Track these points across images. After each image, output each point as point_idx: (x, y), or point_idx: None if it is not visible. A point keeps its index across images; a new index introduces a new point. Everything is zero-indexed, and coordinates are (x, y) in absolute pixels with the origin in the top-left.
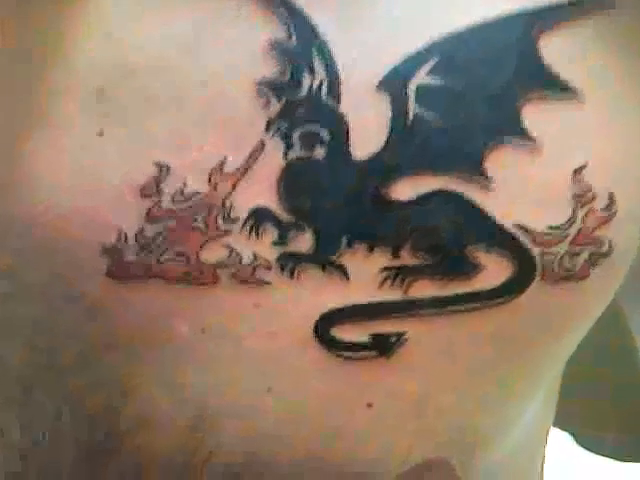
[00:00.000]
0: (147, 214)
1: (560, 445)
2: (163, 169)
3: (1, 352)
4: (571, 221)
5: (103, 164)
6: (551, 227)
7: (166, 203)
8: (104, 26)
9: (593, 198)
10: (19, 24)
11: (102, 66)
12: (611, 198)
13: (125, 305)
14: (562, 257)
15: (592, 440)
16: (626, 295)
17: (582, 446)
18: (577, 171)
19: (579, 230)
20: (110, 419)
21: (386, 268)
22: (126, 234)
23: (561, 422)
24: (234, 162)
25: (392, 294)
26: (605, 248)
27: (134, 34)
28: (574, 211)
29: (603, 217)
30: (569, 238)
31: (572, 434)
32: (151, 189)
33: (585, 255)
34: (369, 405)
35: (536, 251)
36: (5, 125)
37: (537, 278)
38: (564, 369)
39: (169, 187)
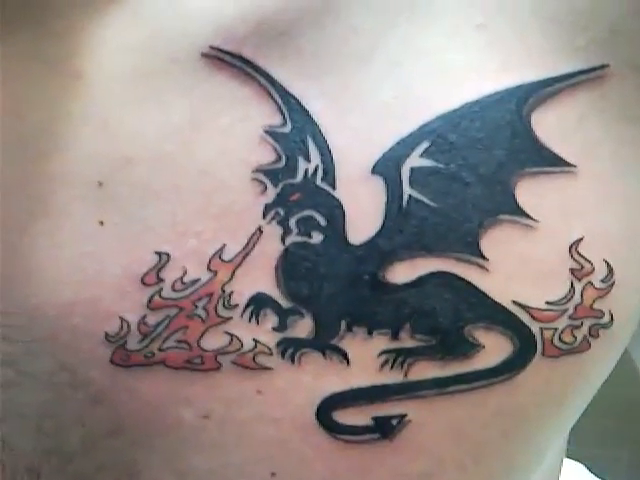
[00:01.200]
0: (148, 303)
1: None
2: (163, 257)
3: (10, 437)
4: (569, 295)
5: (103, 254)
6: (549, 302)
7: (167, 292)
8: (100, 113)
9: (591, 271)
10: (22, 106)
11: (99, 156)
12: (609, 269)
13: (129, 392)
14: (562, 331)
15: (607, 462)
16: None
17: (597, 474)
18: (573, 245)
19: (578, 304)
20: None
21: (386, 351)
22: (128, 323)
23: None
24: (233, 249)
25: (393, 377)
26: (606, 319)
27: (128, 123)
28: (572, 285)
29: (602, 289)
30: (568, 312)
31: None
32: (152, 278)
33: (585, 328)
34: None
35: (535, 327)
36: (2, 215)
37: (538, 354)
38: None
39: (169, 275)
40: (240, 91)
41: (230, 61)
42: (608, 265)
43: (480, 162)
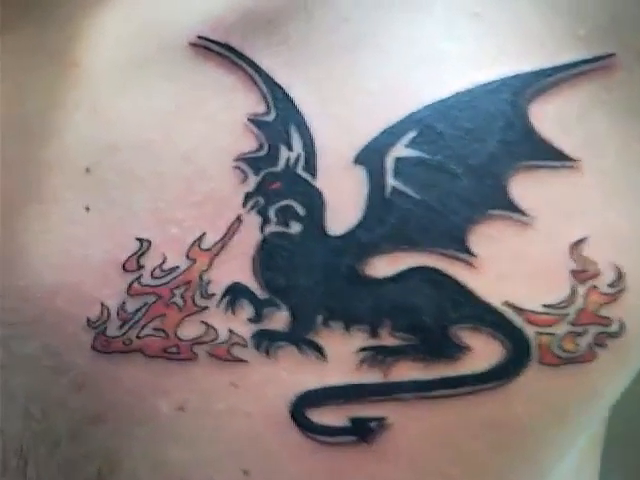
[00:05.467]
0: (128, 289)
1: None
2: (144, 244)
3: (1, 421)
4: (570, 299)
5: (88, 239)
6: (547, 306)
7: (146, 278)
8: (91, 100)
9: (596, 274)
10: (23, 94)
11: (88, 142)
12: (619, 273)
13: (110, 379)
14: (562, 338)
15: None
16: None
17: None
18: (575, 245)
19: (581, 309)
20: None
21: (364, 348)
22: (109, 309)
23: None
24: (212, 238)
25: (371, 376)
26: (614, 328)
27: (116, 110)
28: (573, 288)
29: (609, 294)
30: (569, 318)
31: None
32: (132, 264)
33: (590, 336)
34: None
35: (530, 331)
36: (3, 196)
37: (534, 361)
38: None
39: (149, 262)
40: (226, 79)
41: (217, 50)
42: (617, 268)
43: (470, 153)
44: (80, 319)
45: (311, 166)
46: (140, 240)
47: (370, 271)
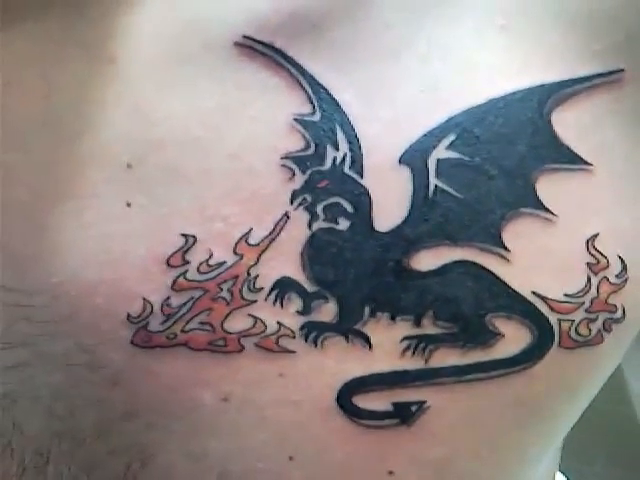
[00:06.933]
0: (173, 284)
1: None
2: (189, 240)
3: (20, 419)
4: (586, 289)
5: (129, 235)
6: (567, 295)
7: (192, 274)
8: (132, 97)
9: (606, 266)
10: (49, 87)
11: (129, 138)
12: (623, 265)
13: (148, 374)
14: (579, 324)
15: (580, 473)
16: None
17: None
18: (590, 240)
19: (594, 297)
20: None
21: (408, 337)
22: (151, 304)
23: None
24: (259, 233)
25: (414, 363)
26: (619, 314)
27: (161, 107)
28: (589, 279)
29: (617, 284)
30: (585, 305)
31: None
32: (177, 260)
33: (600, 322)
34: (390, 473)
35: (554, 318)
36: (28, 196)
37: (554, 345)
38: None
39: (195, 258)
40: (271, 80)
41: (262, 50)
42: (622, 261)
43: (503, 156)
44: (119, 315)
45: (357, 165)
46: (185, 236)
47: (415, 265)
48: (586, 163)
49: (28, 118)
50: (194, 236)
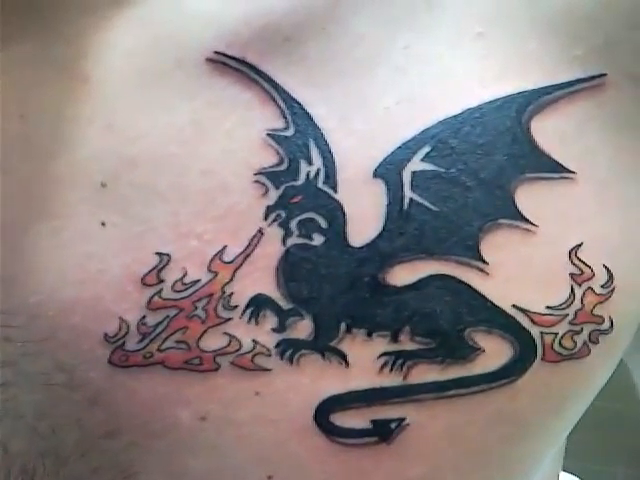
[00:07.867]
0: (148, 303)
1: None
2: (164, 258)
3: (6, 439)
4: (570, 300)
5: (105, 254)
6: (550, 307)
7: (167, 292)
8: (106, 115)
9: (591, 276)
10: (25, 107)
11: (104, 157)
12: (609, 274)
13: (127, 393)
14: (562, 337)
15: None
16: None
17: None
18: (573, 250)
19: (579, 309)
20: None
21: (385, 353)
22: (128, 323)
23: (570, 461)
24: (233, 250)
25: (392, 379)
26: (606, 325)
27: (135, 125)
28: (572, 290)
29: (602, 295)
30: (569, 317)
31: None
32: (152, 279)
33: (586, 334)
34: None
35: (536, 332)
36: (4, 216)
37: (538, 359)
38: None
39: (170, 276)
40: (243, 95)
41: (234, 66)
42: (608, 270)
43: (481, 167)
44: (96, 334)
45: (331, 180)
46: (160, 254)
47: (390, 280)
48: (568, 171)
49: (4, 138)
50: (168, 254)
